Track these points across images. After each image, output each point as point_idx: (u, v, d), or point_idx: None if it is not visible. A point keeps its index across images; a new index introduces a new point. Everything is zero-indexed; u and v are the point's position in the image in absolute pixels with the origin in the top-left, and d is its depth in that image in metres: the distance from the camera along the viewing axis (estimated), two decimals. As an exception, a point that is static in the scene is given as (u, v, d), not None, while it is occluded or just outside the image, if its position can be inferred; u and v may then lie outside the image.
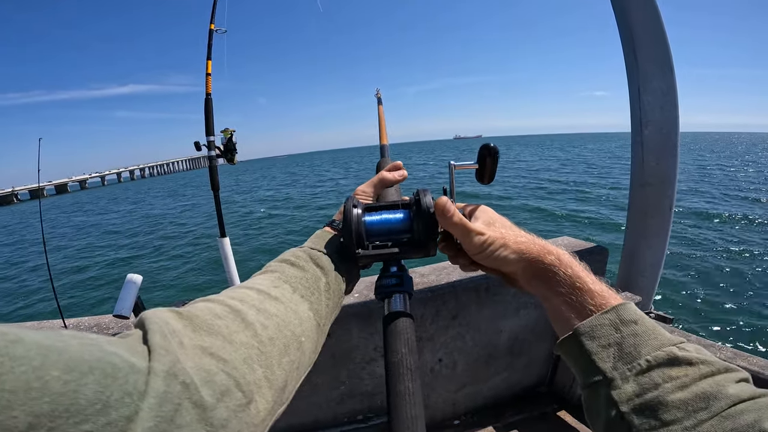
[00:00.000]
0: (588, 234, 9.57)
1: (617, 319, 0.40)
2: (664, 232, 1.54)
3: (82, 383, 0.21)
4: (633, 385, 0.36)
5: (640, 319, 0.40)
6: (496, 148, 0.53)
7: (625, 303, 0.41)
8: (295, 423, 1.36)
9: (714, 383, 0.33)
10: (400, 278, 0.53)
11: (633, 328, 0.39)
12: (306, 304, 0.46)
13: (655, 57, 1.37)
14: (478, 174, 0.55)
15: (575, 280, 0.44)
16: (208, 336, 0.33)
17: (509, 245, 0.49)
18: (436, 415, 1.58)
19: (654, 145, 1.45)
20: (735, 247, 7.92)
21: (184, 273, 9.10)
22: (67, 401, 0.20)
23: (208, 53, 2.40)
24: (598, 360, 0.38)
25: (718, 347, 1.22)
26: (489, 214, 0.54)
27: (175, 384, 0.26)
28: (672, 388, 0.34)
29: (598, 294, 0.43)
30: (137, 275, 1.38)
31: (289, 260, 0.51)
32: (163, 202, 26.99)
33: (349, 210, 0.52)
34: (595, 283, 0.44)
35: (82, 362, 0.22)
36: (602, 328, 0.40)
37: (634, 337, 0.38)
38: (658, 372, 0.35)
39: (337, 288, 0.52)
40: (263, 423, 0.33)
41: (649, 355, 0.36)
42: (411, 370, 0.41)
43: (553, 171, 25.06)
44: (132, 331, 0.30)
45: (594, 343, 0.40)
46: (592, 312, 0.41)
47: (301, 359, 0.42)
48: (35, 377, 0.19)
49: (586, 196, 14.77)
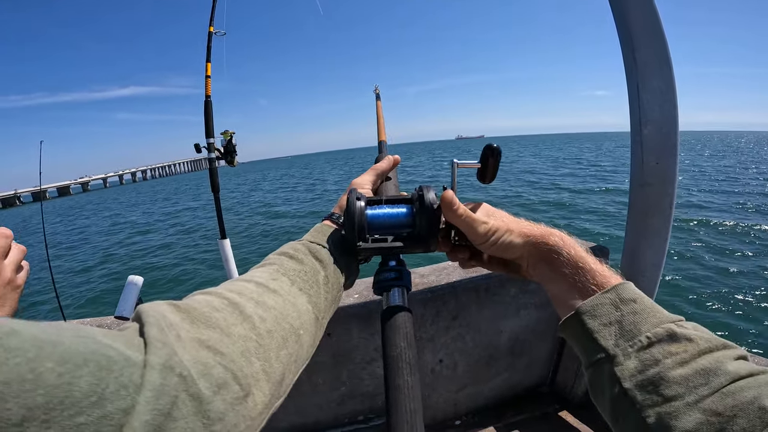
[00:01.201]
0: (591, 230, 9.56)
1: (617, 297, 0.41)
2: (664, 232, 1.53)
3: (77, 375, 0.21)
4: (635, 361, 0.37)
5: (639, 297, 0.41)
6: (498, 148, 0.53)
7: (624, 282, 0.43)
8: (297, 423, 1.36)
9: (713, 359, 0.34)
10: (399, 272, 0.53)
11: (632, 306, 0.40)
12: (304, 297, 0.46)
13: (654, 55, 1.37)
14: (480, 173, 0.55)
15: (578, 260, 0.45)
16: (205, 329, 0.33)
17: (513, 230, 0.51)
18: (437, 416, 1.57)
19: (654, 145, 1.44)
20: (739, 246, 7.87)
21: (186, 273, 9.11)
22: (62, 393, 0.20)
23: (207, 55, 2.42)
24: (600, 338, 0.39)
25: None
26: (488, 208, 0.56)
27: (171, 377, 0.26)
28: (672, 363, 0.35)
29: (600, 273, 0.44)
30: (138, 277, 1.38)
31: (287, 253, 0.51)
32: (165, 204, 27.03)
33: (352, 202, 0.52)
34: (597, 263, 0.46)
35: (77, 354, 0.22)
36: (603, 307, 0.41)
37: (633, 315, 0.39)
38: (658, 348, 0.36)
39: (336, 282, 0.52)
40: (260, 416, 0.33)
41: (649, 332, 0.37)
42: (410, 364, 0.42)
43: (552, 169, 25.04)
44: (128, 324, 0.30)
45: (595, 322, 0.40)
46: (594, 291, 0.43)
47: (299, 352, 0.42)
48: (29, 369, 0.19)
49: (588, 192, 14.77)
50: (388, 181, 0.69)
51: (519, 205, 13.39)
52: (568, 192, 15.94)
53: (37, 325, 0.22)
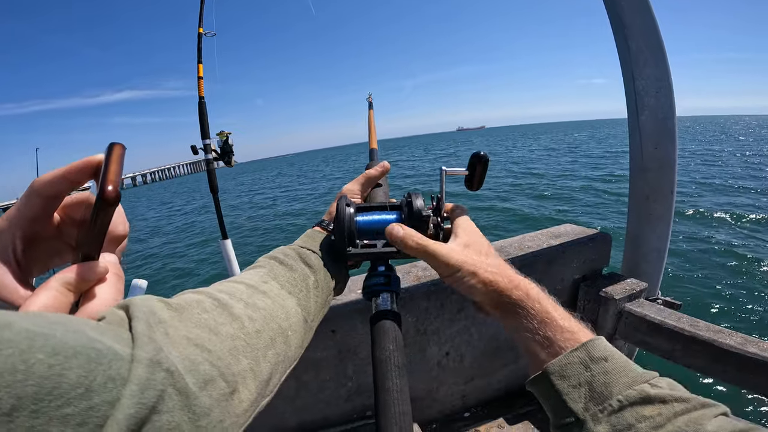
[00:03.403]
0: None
1: (587, 356, 0.39)
2: (667, 217, 1.53)
3: (67, 367, 0.21)
4: (605, 426, 0.35)
5: (611, 355, 0.39)
6: (486, 156, 0.55)
7: (595, 339, 0.41)
8: (306, 420, 1.37)
9: (690, 421, 0.32)
10: (387, 277, 0.54)
11: (603, 366, 0.38)
12: (294, 299, 0.47)
13: (647, 42, 1.37)
14: (468, 180, 0.57)
15: (544, 316, 0.44)
16: (194, 327, 0.33)
17: (478, 274, 0.48)
18: (446, 409, 1.58)
19: (651, 131, 1.45)
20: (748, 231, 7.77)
21: (191, 274, 9.14)
22: (51, 384, 0.20)
23: (198, 57, 2.41)
24: (569, 400, 0.38)
25: (728, 333, 1.22)
26: (468, 233, 0.53)
27: (158, 371, 0.26)
28: (646, 428, 0.33)
29: (567, 329, 0.42)
30: (143, 280, 1.39)
31: (278, 258, 0.52)
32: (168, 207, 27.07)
33: (342, 209, 0.53)
34: (564, 318, 0.44)
35: (67, 347, 0.22)
36: (572, 367, 0.39)
37: (604, 375, 0.37)
38: (630, 412, 0.35)
39: (326, 286, 0.53)
40: (246, 413, 0.34)
41: (621, 394, 0.36)
42: (399, 367, 0.42)
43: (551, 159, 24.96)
44: (116, 317, 0.30)
45: (564, 383, 0.39)
46: (561, 350, 0.41)
47: (287, 352, 0.43)
48: (21, 360, 0.20)
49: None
50: (378, 188, 0.70)
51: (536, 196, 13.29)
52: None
53: (29, 317, 0.23)
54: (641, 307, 1.46)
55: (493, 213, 10.98)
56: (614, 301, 1.46)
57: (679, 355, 1.31)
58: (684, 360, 1.30)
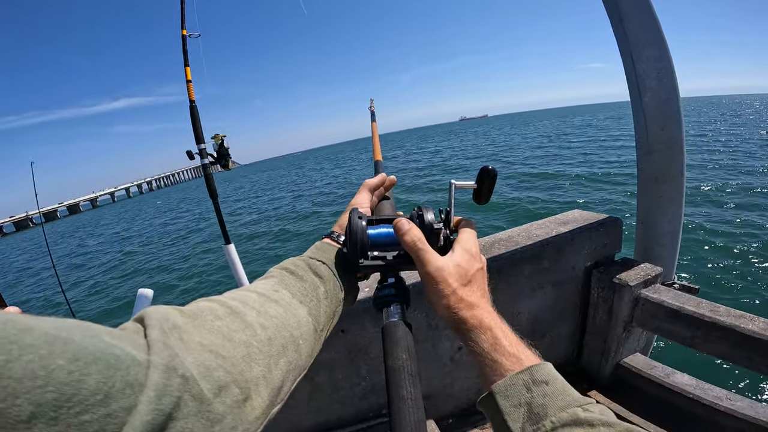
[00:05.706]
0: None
1: (530, 379, 0.42)
2: (678, 198, 1.50)
3: (86, 373, 0.21)
4: None
5: (552, 379, 0.42)
6: (495, 171, 0.56)
7: (541, 363, 0.44)
8: (321, 421, 1.37)
9: None
10: (398, 289, 0.55)
11: (543, 389, 0.41)
12: (305, 309, 0.48)
13: (644, 25, 1.34)
14: (476, 194, 0.58)
15: (494, 342, 0.47)
16: (208, 333, 0.34)
17: (447, 295, 0.51)
18: (462, 403, 1.57)
19: (656, 112, 1.42)
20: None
21: (199, 282, 9.20)
22: (71, 391, 0.20)
23: (185, 60, 2.38)
24: (509, 420, 0.41)
25: (750, 317, 1.19)
26: (463, 251, 0.55)
27: (174, 377, 0.26)
28: None
29: (515, 355, 0.45)
30: (148, 289, 1.40)
31: (288, 268, 0.53)
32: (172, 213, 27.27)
33: (355, 223, 0.54)
34: (515, 344, 0.47)
35: (87, 353, 0.22)
36: (515, 388, 0.42)
37: (543, 398, 0.40)
38: None
39: (336, 297, 0.54)
40: (257, 421, 0.34)
41: (555, 416, 0.38)
42: (412, 375, 0.43)
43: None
44: (131, 324, 0.31)
45: (507, 402, 0.42)
46: (508, 371, 0.44)
47: (297, 361, 0.44)
48: (41, 366, 0.20)
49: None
50: (386, 201, 0.73)
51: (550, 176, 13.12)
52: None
53: (50, 321, 0.23)
54: (658, 293, 1.42)
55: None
56: (629, 287, 1.43)
57: (699, 342, 1.28)
58: (705, 347, 1.26)
